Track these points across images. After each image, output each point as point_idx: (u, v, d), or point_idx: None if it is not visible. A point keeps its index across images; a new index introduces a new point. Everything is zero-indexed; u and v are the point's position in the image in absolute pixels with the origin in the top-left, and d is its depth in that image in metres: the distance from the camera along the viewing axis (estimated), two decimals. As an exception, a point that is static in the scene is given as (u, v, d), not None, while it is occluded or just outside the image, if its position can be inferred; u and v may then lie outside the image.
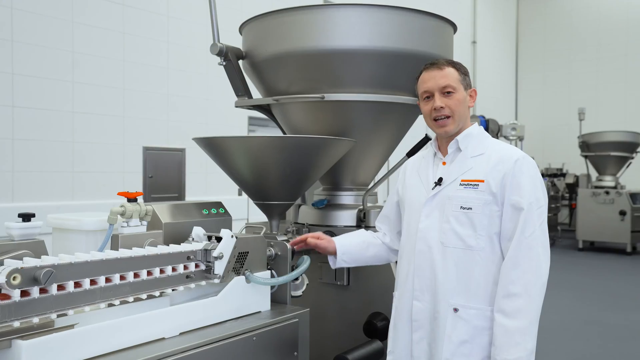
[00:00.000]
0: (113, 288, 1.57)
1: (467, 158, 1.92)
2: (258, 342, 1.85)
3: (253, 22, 2.62)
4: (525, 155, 1.87)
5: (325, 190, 2.85)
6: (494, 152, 1.89)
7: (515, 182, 1.80)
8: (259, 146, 2.19)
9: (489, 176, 1.83)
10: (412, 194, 2.02)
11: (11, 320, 1.32)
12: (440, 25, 2.64)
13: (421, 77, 1.97)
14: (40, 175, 4.86)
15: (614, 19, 13.69)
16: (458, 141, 1.93)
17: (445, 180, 1.91)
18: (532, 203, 1.78)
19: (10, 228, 1.54)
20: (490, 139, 1.98)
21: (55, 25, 4.95)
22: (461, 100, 1.91)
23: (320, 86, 2.49)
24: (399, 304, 2.00)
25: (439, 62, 1.94)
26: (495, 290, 1.80)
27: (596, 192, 10.39)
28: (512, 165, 1.82)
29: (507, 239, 1.80)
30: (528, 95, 15.01)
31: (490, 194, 1.81)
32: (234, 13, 4.80)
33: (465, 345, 1.81)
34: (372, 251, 2.19)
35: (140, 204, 1.85)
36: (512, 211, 1.80)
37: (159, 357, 1.54)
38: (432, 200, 1.92)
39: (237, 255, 1.95)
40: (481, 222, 1.81)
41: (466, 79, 1.95)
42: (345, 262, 2.18)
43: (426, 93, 1.94)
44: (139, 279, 1.63)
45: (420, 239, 1.92)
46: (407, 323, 1.96)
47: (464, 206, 1.84)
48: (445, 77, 1.90)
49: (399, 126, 2.72)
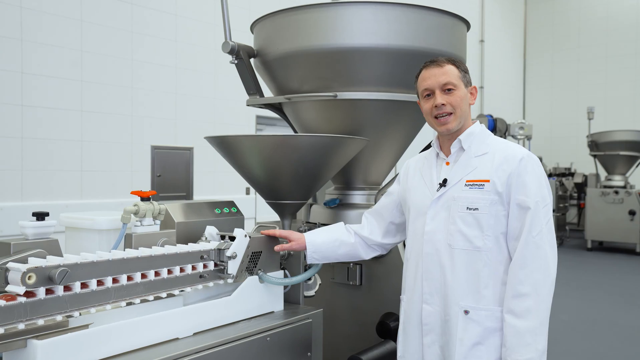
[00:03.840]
0: (127, 288, 1.56)
1: (471, 158, 1.89)
2: (272, 343, 1.84)
3: (265, 20, 2.60)
4: (530, 153, 1.85)
5: (337, 189, 2.83)
6: (498, 151, 1.87)
7: (521, 181, 1.78)
8: (272, 145, 2.17)
9: (494, 176, 1.81)
10: (416, 196, 1.99)
11: (26, 320, 1.32)
12: (453, 23, 2.61)
13: (421, 75, 1.95)
14: (49, 174, 4.86)
15: (622, 17, 13.60)
16: (461, 140, 1.91)
17: (449, 181, 1.89)
18: (538, 202, 1.76)
19: (25, 227, 1.54)
20: (492, 136, 1.95)
21: (64, 24, 4.96)
22: (462, 97, 1.89)
23: (333, 84, 2.47)
24: (408, 307, 1.97)
25: (439, 59, 1.92)
26: (504, 291, 1.79)
27: (605, 191, 10.32)
28: (517, 164, 1.80)
29: (514, 239, 1.79)
30: (536, 94, 14.94)
31: (496, 194, 1.80)
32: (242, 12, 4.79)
33: (477, 347, 1.79)
34: (343, 250, 2.13)
35: (153, 203, 1.84)
36: (518, 210, 1.78)
37: (173, 357, 1.53)
38: (437, 202, 1.90)
39: (251, 255, 1.94)
40: (488, 222, 1.79)
41: (466, 76, 1.93)
42: (317, 260, 2.12)
43: (427, 91, 1.92)
44: (153, 279, 1.63)
45: (427, 241, 1.89)
46: (417, 327, 1.93)
47: (470, 207, 1.82)
48: (446, 74, 1.87)
49: (411, 125, 2.69)
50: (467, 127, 1.93)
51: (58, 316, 1.39)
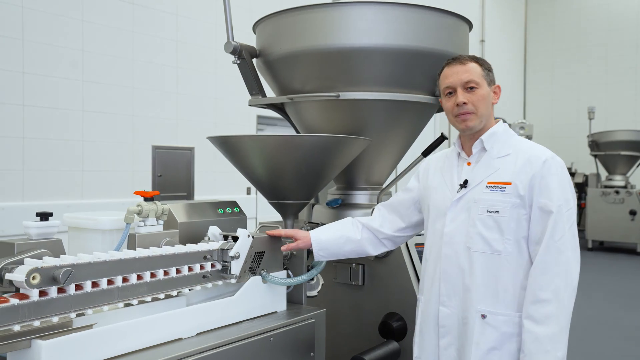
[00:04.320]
0: (130, 288, 1.56)
1: (492, 159, 1.85)
2: (275, 343, 1.84)
3: (267, 20, 2.60)
4: (554, 155, 1.81)
5: (339, 189, 2.83)
6: (521, 152, 1.82)
7: (544, 184, 1.74)
8: (275, 145, 2.17)
9: (516, 178, 1.77)
10: (436, 196, 1.96)
11: (30, 320, 1.32)
12: (456, 23, 2.61)
13: (443, 73, 1.92)
14: (50, 173, 4.86)
15: (623, 17, 13.58)
16: (483, 141, 1.87)
17: (470, 183, 1.85)
18: (561, 206, 1.72)
19: (29, 227, 1.53)
20: (515, 137, 1.91)
21: (66, 24, 4.95)
22: (484, 96, 1.86)
23: (335, 85, 2.47)
24: (425, 308, 1.94)
25: (462, 57, 1.89)
26: (523, 296, 1.75)
27: (606, 191, 10.32)
28: (541, 167, 1.76)
29: (535, 243, 1.75)
30: (536, 94, 14.92)
31: (518, 197, 1.75)
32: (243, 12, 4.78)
33: (493, 352, 1.76)
34: (349, 246, 2.10)
35: (156, 204, 1.84)
36: (540, 214, 1.74)
37: (177, 357, 1.53)
38: (457, 204, 1.86)
39: (254, 255, 1.94)
40: (509, 226, 1.76)
41: (490, 74, 1.90)
42: (324, 257, 2.11)
43: (448, 89, 1.88)
44: (156, 279, 1.63)
45: (446, 243, 1.86)
46: (433, 329, 1.90)
47: (491, 209, 1.78)
48: (468, 72, 1.84)
49: (414, 125, 2.69)
50: (489, 126, 1.89)
51: (62, 316, 1.38)
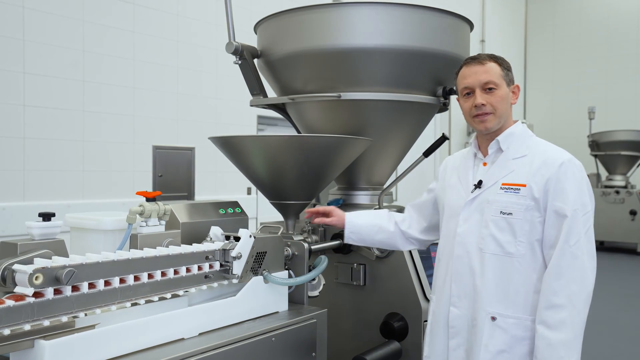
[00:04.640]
0: (133, 288, 1.56)
1: (508, 160, 1.82)
2: (277, 343, 1.84)
3: (269, 21, 2.60)
4: (572, 157, 1.77)
5: (340, 189, 2.83)
6: (538, 154, 1.79)
7: (560, 188, 1.71)
8: (276, 145, 2.17)
9: (531, 180, 1.74)
10: (451, 196, 1.94)
11: (33, 320, 1.32)
12: (457, 23, 2.61)
13: (461, 73, 1.88)
14: (51, 174, 4.86)
15: (624, 17, 13.58)
16: (499, 141, 1.84)
17: (485, 183, 1.83)
18: (577, 210, 1.70)
19: (31, 227, 1.54)
20: (534, 138, 1.87)
21: (66, 24, 4.95)
22: (503, 96, 1.82)
23: (337, 85, 2.47)
24: (436, 308, 1.94)
25: (480, 56, 1.84)
26: (536, 299, 1.72)
27: (606, 191, 10.32)
28: (557, 170, 1.73)
29: (550, 246, 1.72)
30: (537, 94, 14.91)
31: (532, 199, 1.73)
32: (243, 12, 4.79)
33: (502, 355, 1.74)
34: (381, 236, 2.15)
35: (158, 204, 1.84)
36: (555, 218, 1.71)
37: (179, 357, 1.53)
38: (471, 204, 1.84)
39: (255, 255, 1.94)
40: (522, 228, 1.73)
41: (509, 74, 1.85)
42: (353, 241, 2.20)
43: (466, 89, 1.84)
44: (158, 279, 1.63)
45: (458, 243, 1.85)
46: (443, 329, 1.89)
47: (504, 211, 1.76)
48: (487, 73, 1.80)
49: (415, 125, 2.69)
50: (507, 127, 1.86)
51: (65, 316, 1.39)
